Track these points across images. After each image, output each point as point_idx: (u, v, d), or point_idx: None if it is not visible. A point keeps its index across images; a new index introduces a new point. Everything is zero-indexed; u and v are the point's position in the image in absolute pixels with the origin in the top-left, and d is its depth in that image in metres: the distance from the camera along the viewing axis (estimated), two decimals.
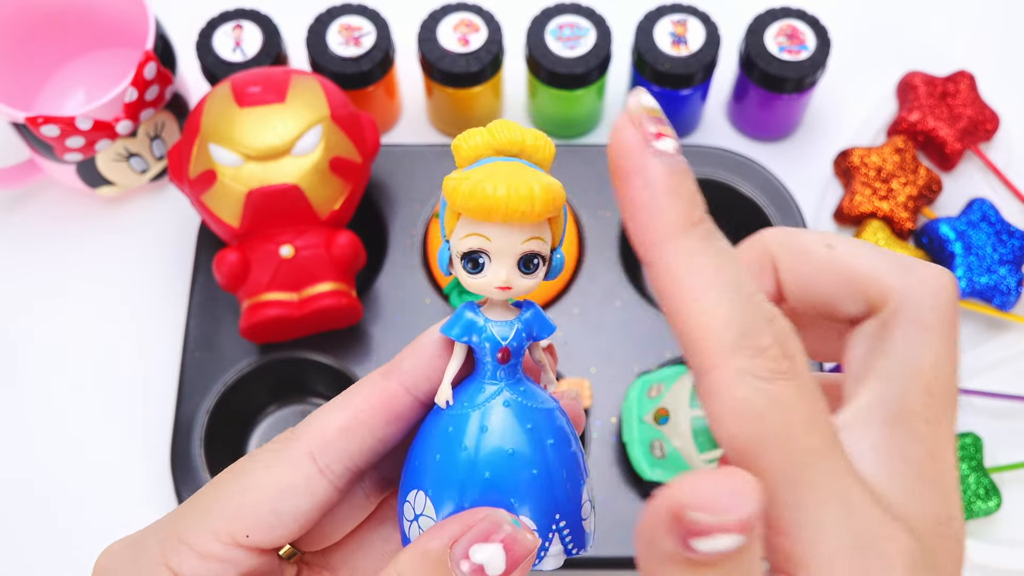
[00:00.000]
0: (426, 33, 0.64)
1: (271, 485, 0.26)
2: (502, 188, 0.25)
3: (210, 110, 0.56)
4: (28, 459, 0.62)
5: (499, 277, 0.26)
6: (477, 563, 0.24)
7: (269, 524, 0.26)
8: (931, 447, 0.24)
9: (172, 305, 0.65)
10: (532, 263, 0.26)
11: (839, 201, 0.66)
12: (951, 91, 0.68)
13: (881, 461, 0.23)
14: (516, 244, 0.26)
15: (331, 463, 0.27)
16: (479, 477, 0.26)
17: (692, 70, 0.63)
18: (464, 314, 0.27)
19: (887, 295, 0.25)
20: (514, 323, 0.27)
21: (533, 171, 0.26)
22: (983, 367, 0.63)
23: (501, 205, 0.25)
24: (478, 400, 0.27)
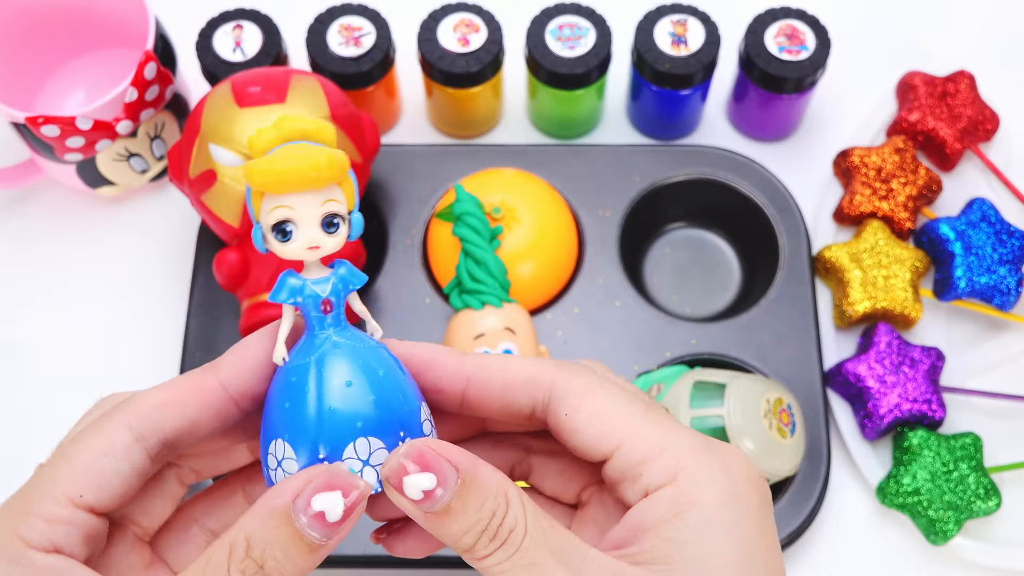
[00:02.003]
0: (426, 33, 0.64)
1: (93, 450, 0.30)
2: (292, 161, 0.29)
3: (210, 110, 0.56)
4: (28, 459, 0.62)
5: (307, 238, 0.30)
6: (318, 510, 0.27)
7: (96, 484, 0.29)
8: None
9: (172, 305, 0.65)
10: (333, 223, 0.30)
11: (839, 201, 0.66)
12: (951, 91, 0.68)
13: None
14: (316, 207, 0.30)
15: (145, 433, 0.30)
16: (325, 412, 0.29)
17: (692, 70, 0.63)
18: (287, 280, 0.31)
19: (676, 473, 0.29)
20: (330, 278, 0.31)
21: (318, 147, 0.30)
22: (983, 367, 0.63)
23: (293, 174, 0.29)
24: (313, 351, 0.30)
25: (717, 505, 0.29)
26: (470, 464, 0.29)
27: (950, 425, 0.61)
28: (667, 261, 0.67)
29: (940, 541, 0.57)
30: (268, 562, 0.28)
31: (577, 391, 0.31)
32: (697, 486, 0.29)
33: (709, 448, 0.30)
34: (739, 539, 0.29)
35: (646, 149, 0.66)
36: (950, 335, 0.64)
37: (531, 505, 0.29)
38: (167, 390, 0.31)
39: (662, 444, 0.30)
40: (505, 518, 0.29)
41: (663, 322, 0.62)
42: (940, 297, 0.63)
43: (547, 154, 0.66)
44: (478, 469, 0.29)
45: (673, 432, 0.30)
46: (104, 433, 0.30)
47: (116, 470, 0.30)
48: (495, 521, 0.29)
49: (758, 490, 0.30)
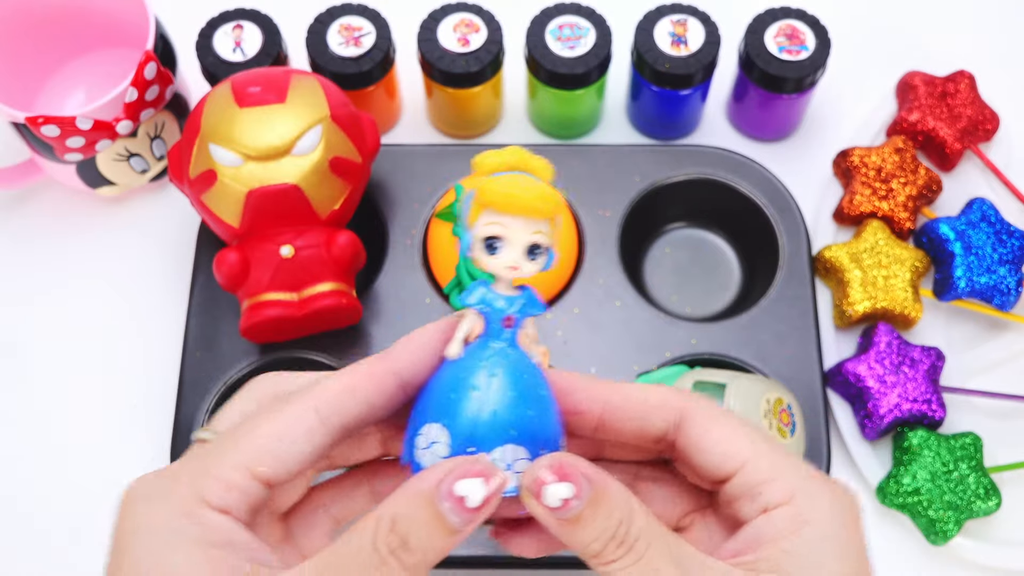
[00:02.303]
0: (426, 33, 0.64)
1: (278, 427, 0.33)
2: (523, 188, 0.33)
3: (210, 110, 0.56)
4: (28, 459, 0.62)
5: (511, 259, 0.33)
6: (459, 495, 0.30)
7: (276, 459, 0.32)
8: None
9: (172, 305, 0.65)
10: (536, 251, 0.33)
11: (839, 201, 0.66)
12: (951, 91, 0.68)
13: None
14: (526, 234, 0.33)
15: (330, 416, 0.33)
16: (487, 413, 0.32)
17: (692, 70, 0.63)
18: (478, 288, 0.33)
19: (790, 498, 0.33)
20: (518, 299, 0.34)
21: (540, 182, 0.34)
22: (983, 367, 0.63)
23: (522, 200, 0.32)
24: (486, 354, 0.33)
25: (829, 525, 0.32)
26: (602, 477, 0.32)
27: (950, 425, 0.61)
28: (667, 261, 0.67)
29: (940, 541, 0.57)
30: (411, 539, 0.30)
31: (706, 416, 0.34)
32: (812, 507, 0.33)
33: (820, 477, 0.34)
34: (847, 556, 0.32)
35: (646, 149, 0.66)
36: (950, 335, 0.64)
37: (652, 517, 0.32)
38: (349, 376, 0.34)
39: (780, 469, 0.33)
40: (631, 526, 0.31)
41: (663, 322, 0.62)
42: (940, 297, 0.63)
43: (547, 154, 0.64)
44: (608, 482, 0.32)
45: (789, 460, 0.34)
46: (291, 413, 0.33)
47: (298, 450, 0.32)
48: (622, 529, 0.31)
49: (859, 518, 0.34)
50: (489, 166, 0.34)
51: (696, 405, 0.35)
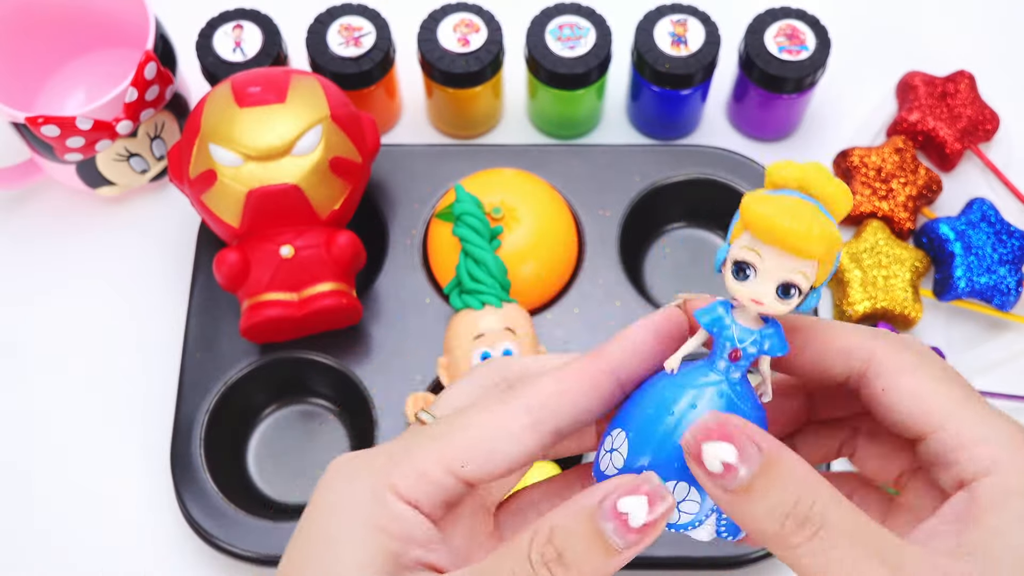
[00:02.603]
0: (426, 33, 0.64)
1: (490, 426, 0.31)
2: (789, 220, 0.28)
3: (210, 110, 0.56)
4: (28, 459, 0.62)
5: (757, 291, 0.29)
6: (622, 512, 0.28)
7: (483, 459, 0.30)
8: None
9: (172, 305, 0.65)
10: (789, 291, 0.29)
11: None
12: (951, 91, 0.68)
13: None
14: (782, 270, 0.29)
15: (543, 419, 0.31)
16: (673, 441, 0.30)
17: (692, 70, 0.63)
18: (717, 308, 0.31)
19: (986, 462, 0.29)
20: (755, 332, 0.30)
21: (823, 216, 0.29)
22: (983, 367, 0.63)
23: (781, 233, 0.28)
24: (698, 381, 0.30)
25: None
26: (775, 446, 0.28)
27: None
28: (667, 261, 0.67)
29: None
30: (567, 553, 0.28)
31: (896, 367, 0.30)
32: (1020, 476, 0.28)
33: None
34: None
35: (646, 149, 0.66)
36: (950, 335, 0.64)
37: (847, 502, 0.29)
38: (561, 377, 0.31)
39: (982, 433, 0.29)
40: (814, 505, 0.28)
41: None
42: (940, 297, 0.63)
43: (547, 154, 0.66)
44: (783, 452, 0.28)
45: (993, 421, 0.29)
46: (503, 413, 0.31)
47: (505, 451, 0.31)
48: (801, 507, 0.28)
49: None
50: (776, 179, 0.30)
51: (887, 353, 0.30)
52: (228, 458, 0.60)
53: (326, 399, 0.62)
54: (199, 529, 0.56)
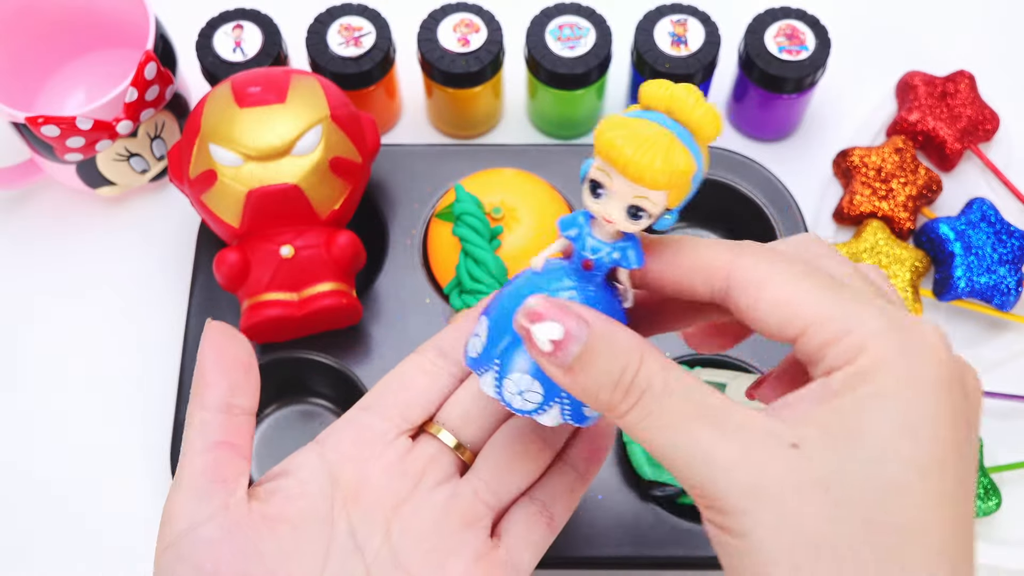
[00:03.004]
0: (426, 33, 0.64)
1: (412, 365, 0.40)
2: (632, 150, 0.29)
3: (210, 110, 0.56)
4: (27, 459, 0.62)
5: (607, 210, 0.30)
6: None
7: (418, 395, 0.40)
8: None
9: (172, 305, 0.65)
10: (637, 214, 0.30)
11: (839, 201, 0.66)
12: (951, 91, 0.68)
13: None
14: (628, 194, 0.30)
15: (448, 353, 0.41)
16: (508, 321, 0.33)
17: (692, 70, 0.63)
18: (578, 218, 0.32)
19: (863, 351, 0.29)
20: (608, 245, 0.31)
21: (678, 146, 0.29)
22: (983, 367, 0.63)
23: (622, 161, 0.29)
24: (552, 285, 0.32)
25: (893, 384, 0.28)
26: (602, 322, 0.30)
27: None
28: None
29: None
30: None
31: (755, 280, 0.30)
32: (875, 365, 0.28)
33: (899, 329, 0.29)
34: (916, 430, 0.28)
35: None
36: (950, 335, 0.64)
37: (674, 366, 0.30)
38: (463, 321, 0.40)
39: (846, 326, 0.29)
40: (638, 374, 0.29)
41: None
42: (940, 297, 0.63)
43: (547, 154, 0.66)
44: (609, 326, 0.30)
45: (861, 313, 0.29)
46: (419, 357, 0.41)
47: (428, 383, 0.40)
48: (627, 376, 0.29)
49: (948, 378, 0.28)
50: (646, 98, 0.30)
51: (745, 267, 0.30)
52: None
53: (326, 399, 0.62)
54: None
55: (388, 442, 0.38)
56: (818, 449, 0.28)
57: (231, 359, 0.37)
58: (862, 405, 0.28)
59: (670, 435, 0.29)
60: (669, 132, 0.29)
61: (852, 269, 0.32)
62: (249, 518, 0.34)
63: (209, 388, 0.36)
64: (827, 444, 0.28)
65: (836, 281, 0.30)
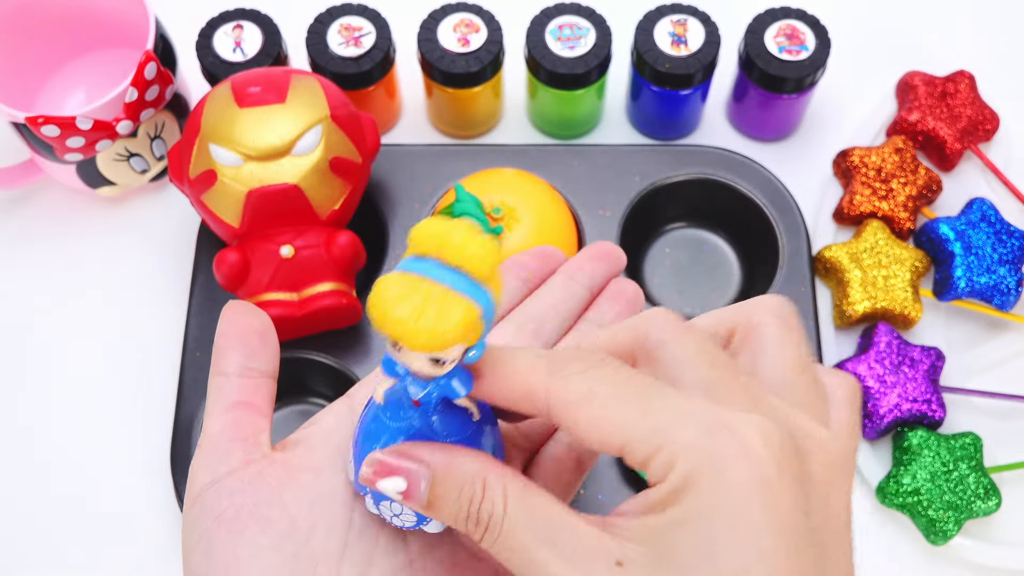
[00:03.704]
0: (426, 33, 0.64)
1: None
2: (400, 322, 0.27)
3: (210, 110, 0.56)
4: (28, 459, 0.62)
5: (410, 364, 0.29)
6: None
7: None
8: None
9: (172, 305, 0.65)
10: (439, 361, 0.28)
11: (839, 201, 0.66)
12: (951, 91, 0.68)
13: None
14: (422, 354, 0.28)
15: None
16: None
17: (692, 70, 0.63)
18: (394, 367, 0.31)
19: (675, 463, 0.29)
20: (429, 384, 0.30)
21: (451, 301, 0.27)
22: (983, 367, 0.63)
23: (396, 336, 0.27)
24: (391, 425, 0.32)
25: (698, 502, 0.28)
26: (442, 458, 0.31)
27: (950, 425, 0.61)
28: (667, 261, 0.67)
29: (940, 541, 0.57)
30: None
31: (572, 402, 0.30)
32: (684, 482, 0.28)
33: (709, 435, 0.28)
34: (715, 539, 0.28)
35: (646, 149, 0.66)
36: (950, 335, 0.64)
37: (517, 488, 0.30)
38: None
39: (657, 443, 0.29)
40: (482, 503, 0.30)
41: None
42: (940, 297, 0.63)
43: (547, 154, 0.66)
44: (451, 461, 0.31)
45: (673, 425, 0.29)
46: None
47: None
48: (473, 507, 0.30)
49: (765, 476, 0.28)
50: (414, 242, 0.29)
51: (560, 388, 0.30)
52: None
53: (326, 399, 0.62)
54: None
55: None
56: (638, 570, 0.28)
57: (245, 327, 0.37)
58: (674, 526, 0.28)
59: (517, 560, 0.30)
60: (439, 288, 0.28)
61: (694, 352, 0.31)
62: (271, 468, 0.34)
63: (225, 355, 0.37)
64: (646, 566, 0.28)
65: (661, 389, 0.30)
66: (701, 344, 0.32)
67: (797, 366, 0.32)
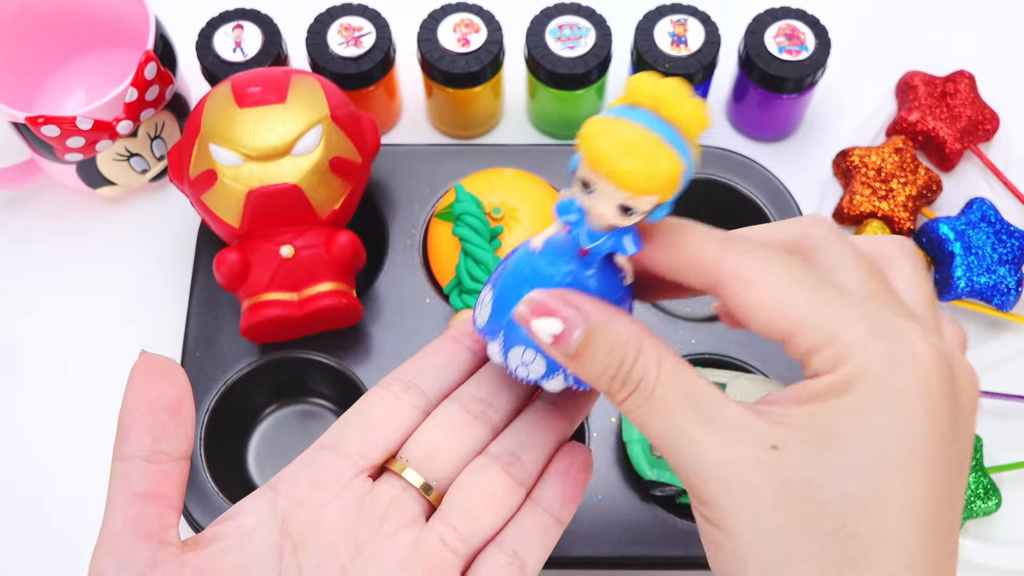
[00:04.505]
0: (426, 33, 0.64)
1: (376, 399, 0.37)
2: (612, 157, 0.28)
3: (210, 110, 0.56)
4: (27, 459, 0.62)
5: (598, 208, 0.30)
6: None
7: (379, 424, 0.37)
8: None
9: (172, 305, 0.65)
10: (628, 210, 0.30)
11: (839, 201, 0.66)
12: (951, 91, 0.68)
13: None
14: (618, 196, 0.29)
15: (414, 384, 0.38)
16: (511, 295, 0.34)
17: (692, 70, 0.63)
18: (574, 207, 0.32)
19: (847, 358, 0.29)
20: (602, 235, 0.31)
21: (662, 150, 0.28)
22: (983, 367, 0.63)
23: (605, 170, 0.28)
24: (551, 269, 0.33)
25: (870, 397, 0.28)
26: (601, 314, 0.31)
27: None
28: None
29: None
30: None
31: (744, 279, 0.30)
32: (856, 376, 0.29)
33: (883, 338, 0.29)
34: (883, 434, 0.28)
35: None
36: None
37: (670, 357, 0.31)
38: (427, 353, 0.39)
39: (830, 333, 0.29)
40: (635, 366, 0.30)
41: (663, 322, 0.62)
42: (940, 297, 0.63)
43: (547, 154, 0.66)
44: (610, 319, 0.31)
45: (846, 319, 0.29)
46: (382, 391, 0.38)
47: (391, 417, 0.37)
48: (624, 368, 0.30)
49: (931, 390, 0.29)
50: (632, 94, 0.29)
51: (734, 264, 0.30)
52: (228, 458, 0.60)
53: (326, 399, 0.62)
54: (199, 529, 0.56)
55: (345, 483, 0.35)
56: (795, 453, 0.29)
57: (155, 399, 0.34)
58: (840, 414, 0.29)
59: (662, 425, 0.30)
60: (652, 135, 0.29)
61: (853, 258, 0.32)
62: (180, 573, 0.32)
63: (130, 434, 0.34)
64: (804, 449, 0.29)
65: (827, 282, 0.31)
66: (858, 253, 0.32)
67: (929, 298, 0.33)
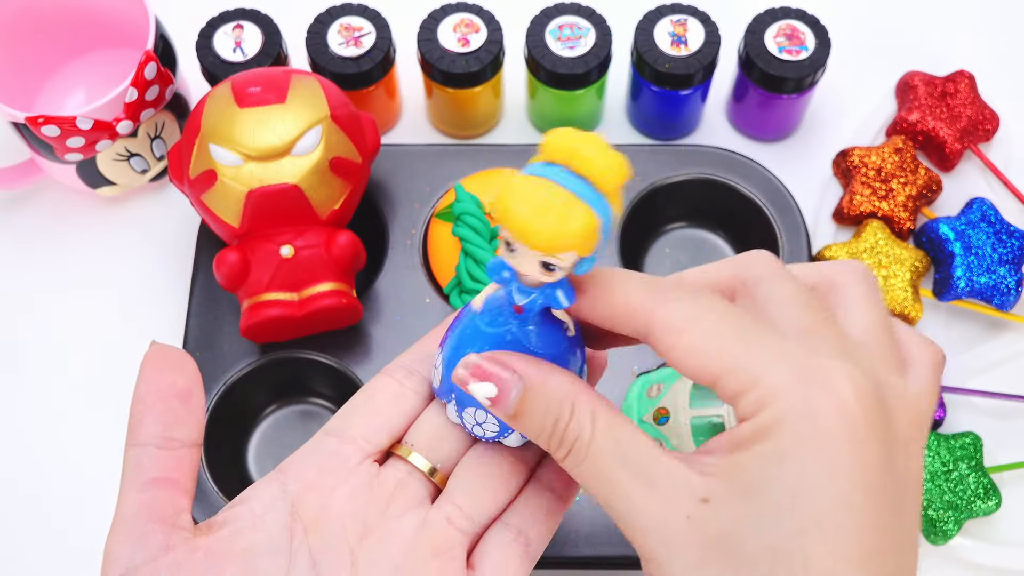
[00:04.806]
0: (426, 33, 0.64)
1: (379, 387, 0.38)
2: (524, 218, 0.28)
3: (210, 110, 0.56)
4: (27, 459, 0.62)
5: (521, 267, 0.30)
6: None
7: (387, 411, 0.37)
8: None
9: (172, 305, 0.65)
10: (550, 266, 0.30)
11: (839, 201, 0.66)
12: (951, 91, 0.68)
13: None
14: (537, 256, 0.29)
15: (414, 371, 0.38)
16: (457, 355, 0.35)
17: (692, 70, 0.63)
18: (501, 272, 0.32)
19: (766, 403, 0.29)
20: (534, 292, 0.32)
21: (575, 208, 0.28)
22: (983, 367, 0.63)
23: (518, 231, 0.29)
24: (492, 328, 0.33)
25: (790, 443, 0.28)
26: (537, 374, 0.32)
27: (950, 425, 0.61)
28: (667, 261, 0.67)
29: (940, 541, 0.57)
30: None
31: (673, 327, 0.31)
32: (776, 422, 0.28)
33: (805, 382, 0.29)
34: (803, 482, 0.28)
35: (646, 149, 0.66)
36: (950, 335, 0.64)
37: (604, 412, 0.31)
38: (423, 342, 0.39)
39: (752, 378, 0.29)
40: (569, 424, 0.31)
41: None
42: (940, 297, 0.63)
43: None
44: (546, 378, 0.31)
45: (769, 363, 0.29)
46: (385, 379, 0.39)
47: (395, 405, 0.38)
48: (559, 426, 0.31)
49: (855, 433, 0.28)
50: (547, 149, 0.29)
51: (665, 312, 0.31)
52: (228, 458, 0.60)
53: (326, 399, 0.62)
54: None
55: (352, 467, 0.36)
56: (722, 506, 0.29)
57: (166, 388, 0.35)
58: (761, 462, 0.29)
59: (599, 484, 0.31)
60: (565, 193, 0.28)
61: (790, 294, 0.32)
62: (192, 557, 0.32)
63: (142, 422, 0.35)
64: (730, 501, 0.29)
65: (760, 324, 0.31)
66: (797, 288, 0.32)
67: (881, 324, 0.32)
